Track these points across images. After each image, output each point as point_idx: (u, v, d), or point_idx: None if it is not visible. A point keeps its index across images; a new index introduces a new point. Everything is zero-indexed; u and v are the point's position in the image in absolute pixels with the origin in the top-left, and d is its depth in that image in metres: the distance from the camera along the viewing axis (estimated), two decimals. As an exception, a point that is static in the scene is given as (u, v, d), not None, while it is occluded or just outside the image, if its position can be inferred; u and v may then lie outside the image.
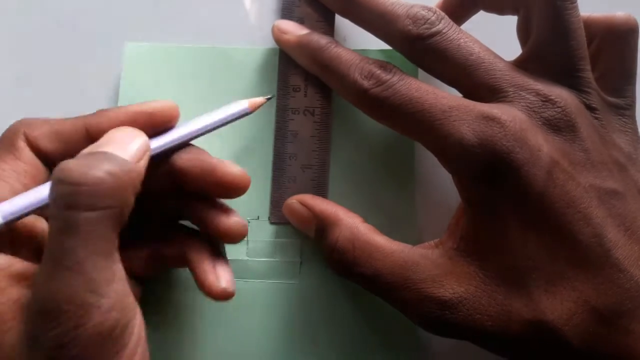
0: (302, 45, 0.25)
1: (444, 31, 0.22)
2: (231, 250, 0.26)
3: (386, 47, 0.24)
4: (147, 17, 0.29)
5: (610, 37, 0.23)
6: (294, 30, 0.25)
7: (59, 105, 0.28)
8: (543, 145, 0.20)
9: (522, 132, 0.20)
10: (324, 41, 0.24)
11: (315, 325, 0.25)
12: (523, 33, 0.24)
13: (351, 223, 0.23)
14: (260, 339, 0.25)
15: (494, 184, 0.20)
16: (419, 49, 0.22)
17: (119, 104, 0.27)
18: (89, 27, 0.28)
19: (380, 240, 0.23)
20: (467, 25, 0.26)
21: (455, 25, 0.22)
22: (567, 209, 0.20)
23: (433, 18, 0.22)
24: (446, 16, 0.22)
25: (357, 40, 0.28)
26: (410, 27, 0.22)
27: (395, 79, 0.22)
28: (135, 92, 0.27)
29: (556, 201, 0.20)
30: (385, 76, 0.22)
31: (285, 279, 0.26)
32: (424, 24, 0.22)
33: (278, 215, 0.26)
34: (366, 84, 0.22)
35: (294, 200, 0.25)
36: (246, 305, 0.25)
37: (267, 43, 0.28)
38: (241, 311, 0.25)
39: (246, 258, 0.26)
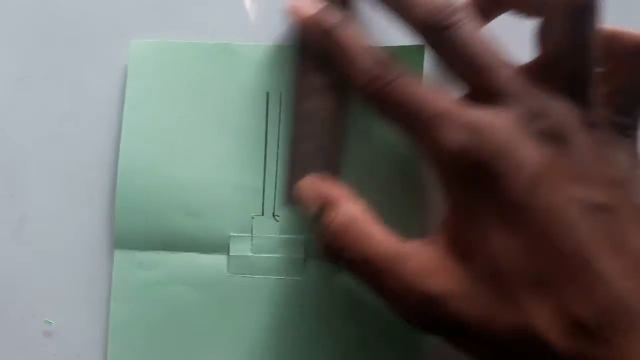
0: (308, 26, 0.25)
1: (461, 24, 0.22)
2: (235, 246, 0.26)
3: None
4: (146, 16, 0.29)
5: (634, 55, 0.23)
6: (305, 8, 0.25)
7: (65, 104, 0.28)
8: (529, 155, 0.20)
9: (508, 141, 0.20)
10: (330, 22, 0.24)
11: (318, 323, 0.26)
12: (539, 38, 0.23)
13: (350, 208, 0.23)
14: (263, 335, 0.26)
15: (477, 192, 0.21)
16: (436, 37, 0.22)
17: (126, 102, 0.27)
18: (91, 25, 0.29)
19: (376, 229, 0.23)
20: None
21: (474, 20, 0.22)
22: (550, 219, 0.20)
23: (453, 9, 0.22)
24: (467, 9, 0.22)
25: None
26: (429, 16, 0.22)
27: (392, 76, 0.22)
28: (142, 89, 0.27)
29: (539, 211, 0.20)
30: (383, 73, 0.22)
31: (289, 276, 0.26)
32: (444, 13, 0.22)
33: (290, 196, 0.26)
34: (364, 79, 0.22)
35: (307, 180, 0.25)
36: (250, 301, 0.26)
37: (269, 41, 0.27)
38: (244, 307, 0.26)
39: (250, 254, 0.26)
